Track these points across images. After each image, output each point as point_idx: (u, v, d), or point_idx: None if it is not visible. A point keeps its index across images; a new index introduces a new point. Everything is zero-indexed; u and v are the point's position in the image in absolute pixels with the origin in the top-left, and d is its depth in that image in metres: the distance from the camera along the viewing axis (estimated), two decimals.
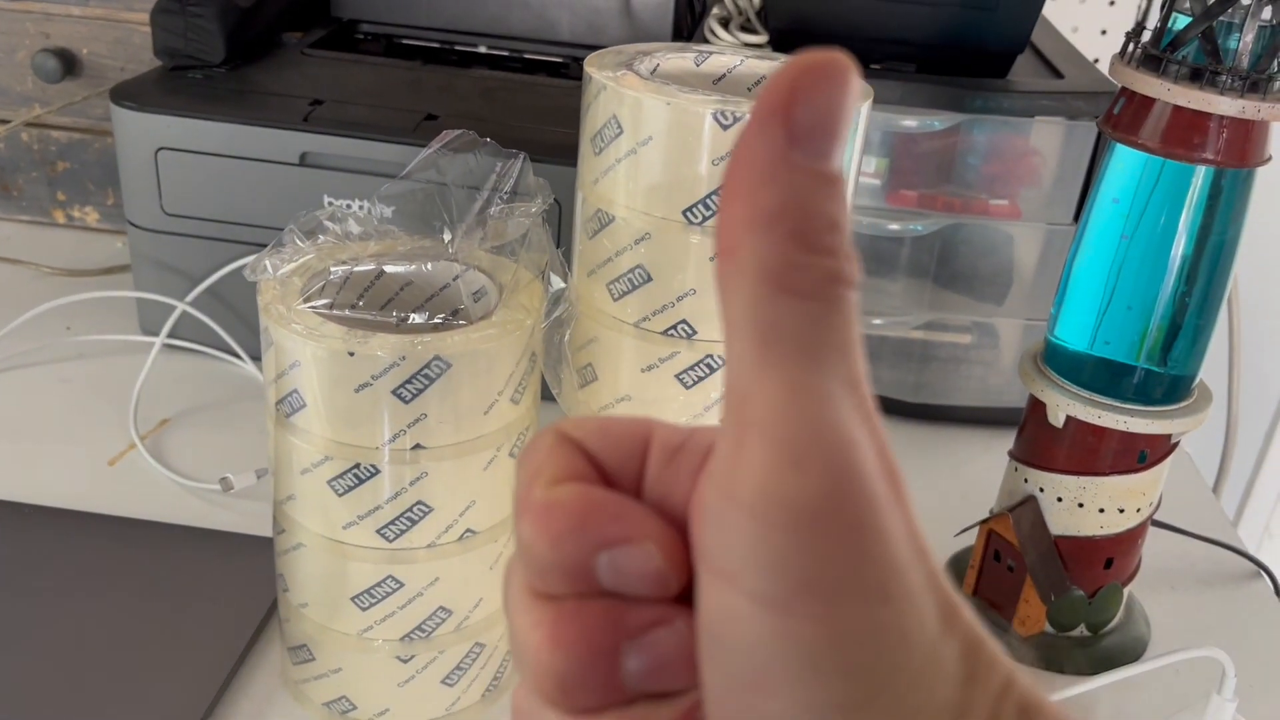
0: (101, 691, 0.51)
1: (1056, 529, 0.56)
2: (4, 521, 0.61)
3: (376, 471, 0.45)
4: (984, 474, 0.70)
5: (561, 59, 0.88)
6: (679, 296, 0.50)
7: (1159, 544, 0.64)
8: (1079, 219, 0.55)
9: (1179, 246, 0.51)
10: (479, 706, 0.52)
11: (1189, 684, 0.57)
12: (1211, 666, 0.51)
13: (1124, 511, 0.56)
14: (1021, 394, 0.58)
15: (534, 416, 0.49)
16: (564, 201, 0.65)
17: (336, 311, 0.47)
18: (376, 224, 0.50)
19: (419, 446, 0.44)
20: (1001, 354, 0.76)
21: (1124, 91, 0.51)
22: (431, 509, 0.46)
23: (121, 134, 0.73)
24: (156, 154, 0.72)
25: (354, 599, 0.47)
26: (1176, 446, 0.56)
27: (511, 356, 0.45)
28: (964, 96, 0.69)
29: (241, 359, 0.76)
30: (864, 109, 0.51)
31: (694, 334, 0.50)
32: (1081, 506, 0.56)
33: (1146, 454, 0.55)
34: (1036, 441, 0.57)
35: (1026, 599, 0.58)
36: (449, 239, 0.49)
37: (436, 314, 0.49)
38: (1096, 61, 0.81)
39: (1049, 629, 0.58)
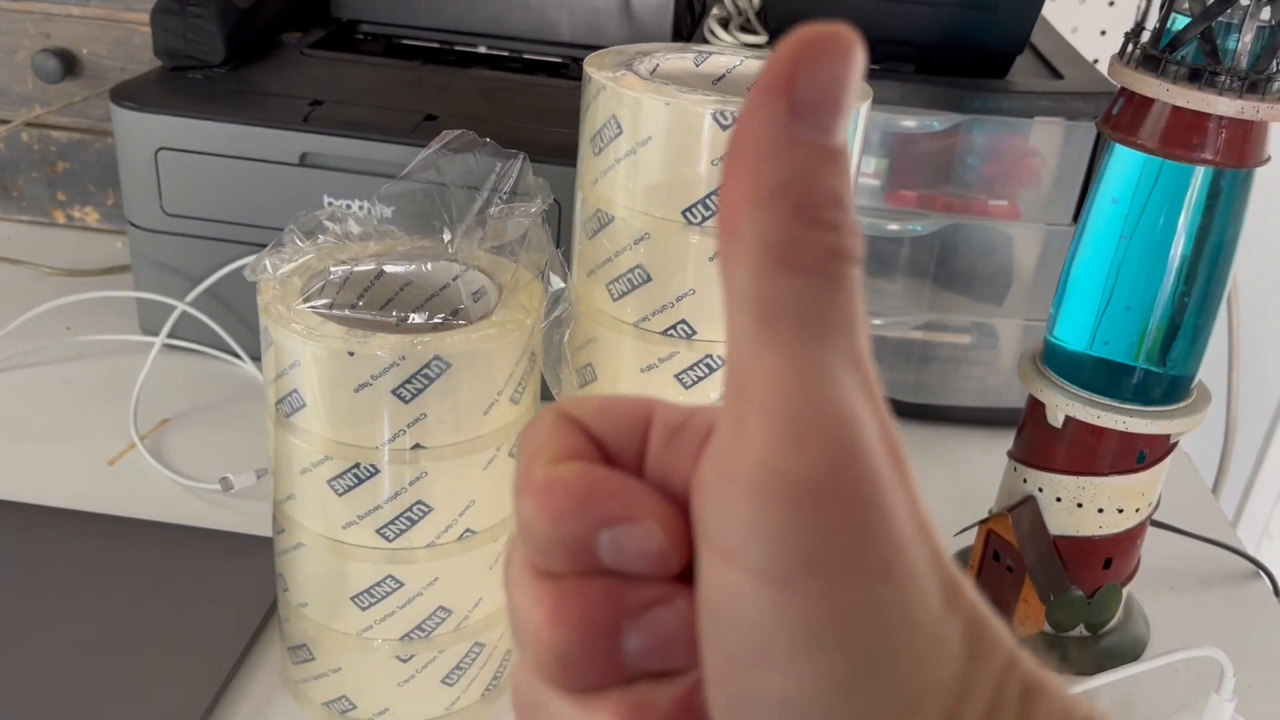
0: (101, 691, 0.51)
1: (1055, 529, 0.56)
2: (4, 521, 0.61)
3: (376, 471, 0.45)
4: (983, 474, 0.70)
5: (561, 59, 0.88)
6: (678, 296, 0.50)
7: (1158, 544, 0.64)
8: (1078, 219, 0.55)
9: (1178, 247, 0.51)
10: (479, 706, 0.52)
11: (1188, 684, 0.57)
12: (1210, 666, 0.51)
13: (1123, 512, 0.56)
14: (1021, 394, 0.58)
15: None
16: (563, 202, 0.65)
17: (336, 311, 0.47)
18: (376, 224, 0.50)
19: (419, 446, 0.44)
20: (1001, 354, 0.76)
21: (1123, 92, 0.51)
22: (431, 509, 0.46)
23: (121, 134, 0.73)
24: (156, 154, 0.72)
25: (354, 599, 0.48)
26: (1175, 446, 0.56)
27: (511, 356, 0.46)
28: (963, 97, 0.69)
29: (241, 359, 0.76)
30: (863, 109, 0.51)
31: (693, 334, 0.50)
32: (1080, 506, 0.56)
33: (1145, 454, 0.55)
34: (1036, 441, 0.57)
35: (1026, 599, 0.58)
36: (449, 239, 0.49)
37: (436, 314, 0.49)
38: (1096, 62, 0.81)
39: (1048, 629, 0.58)
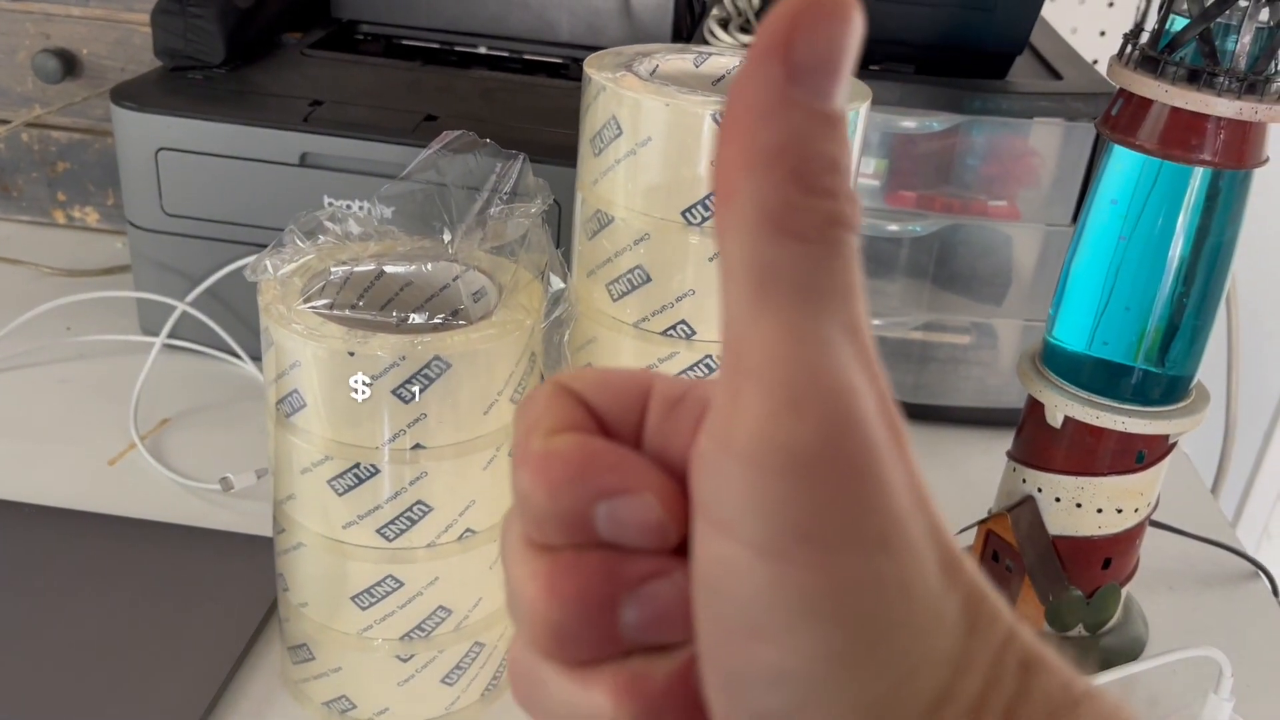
0: (101, 691, 0.51)
1: (1054, 529, 0.56)
2: (4, 521, 0.61)
3: (376, 471, 0.45)
4: (982, 474, 0.70)
5: (561, 60, 0.88)
6: (678, 297, 0.50)
7: (1157, 544, 0.64)
8: (1077, 220, 0.55)
9: (1177, 247, 0.51)
10: (478, 706, 0.52)
11: (1186, 684, 0.57)
12: (1209, 666, 0.51)
13: (1122, 512, 0.56)
14: (1020, 394, 0.59)
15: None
16: (563, 202, 0.65)
17: (337, 312, 0.47)
18: (376, 224, 0.50)
19: (419, 446, 0.44)
20: (1000, 355, 0.76)
21: (1122, 93, 0.51)
22: (431, 508, 0.46)
23: (122, 134, 0.73)
24: (157, 154, 0.72)
25: (354, 598, 0.48)
26: (1175, 447, 0.56)
27: (511, 356, 0.46)
28: (963, 97, 0.69)
29: (241, 359, 0.76)
30: (863, 110, 0.51)
31: (693, 334, 0.50)
32: (1080, 507, 0.56)
33: (1144, 454, 0.55)
34: (1035, 442, 0.57)
35: (1025, 599, 0.58)
36: (449, 239, 0.49)
37: (436, 314, 0.49)
38: (1095, 63, 0.81)
39: (1047, 629, 0.58)
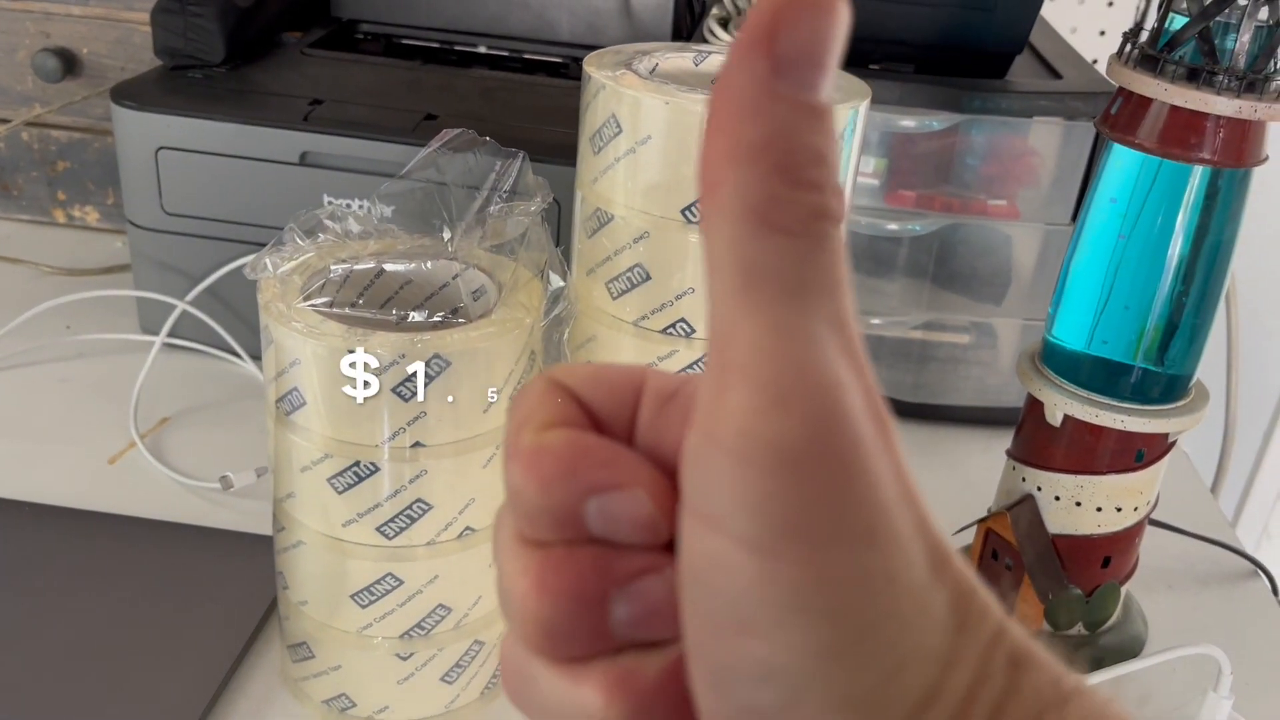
0: (101, 689, 0.51)
1: (1054, 528, 0.56)
2: (4, 520, 0.61)
3: (376, 469, 0.45)
4: (982, 473, 0.70)
5: (561, 59, 0.88)
6: (678, 295, 0.50)
7: (1157, 543, 0.64)
8: (1077, 219, 0.55)
9: (1176, 246, 0.51)
10: (478, 704, 0.52)
11: (1186, 682, 0.57)
12: (1208, 664, 0.51)
13: (1121, 510, 0.56)
14: (1019, 393, 0.59)
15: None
16: (563, 200, 0.65)
17: (336, 310, 0.47)
18: (376, 223, 0.50)
19: (418, 444, 0.44)
20: (999, 354, 0.77)
21: (1121, 91, 0.51)
22: (431, 507, 0.46)
23: (122, 133, 0.73)
24: (157, 153, 0.72)
25: (353, 596, 0.48)
26: (1174, 445, 0.56)
27: (510, 355, 0.46)
28: (962, 97, 0.69)
29: (241, 358, 0.76)
30: (862, 109, 0.51)
31: (692, 332, 0.50)
32: (1079, 505, 0.56)
33: (1144, 453, 0.55)
34: (1034, 440, 0.57)
35: (1024, 597, 0.58)
36: (448, 238, 0.49)
37: (436, 312, 0.49)
38: (1095, 62, 0.81)
39: (1046, 627, 0.58)
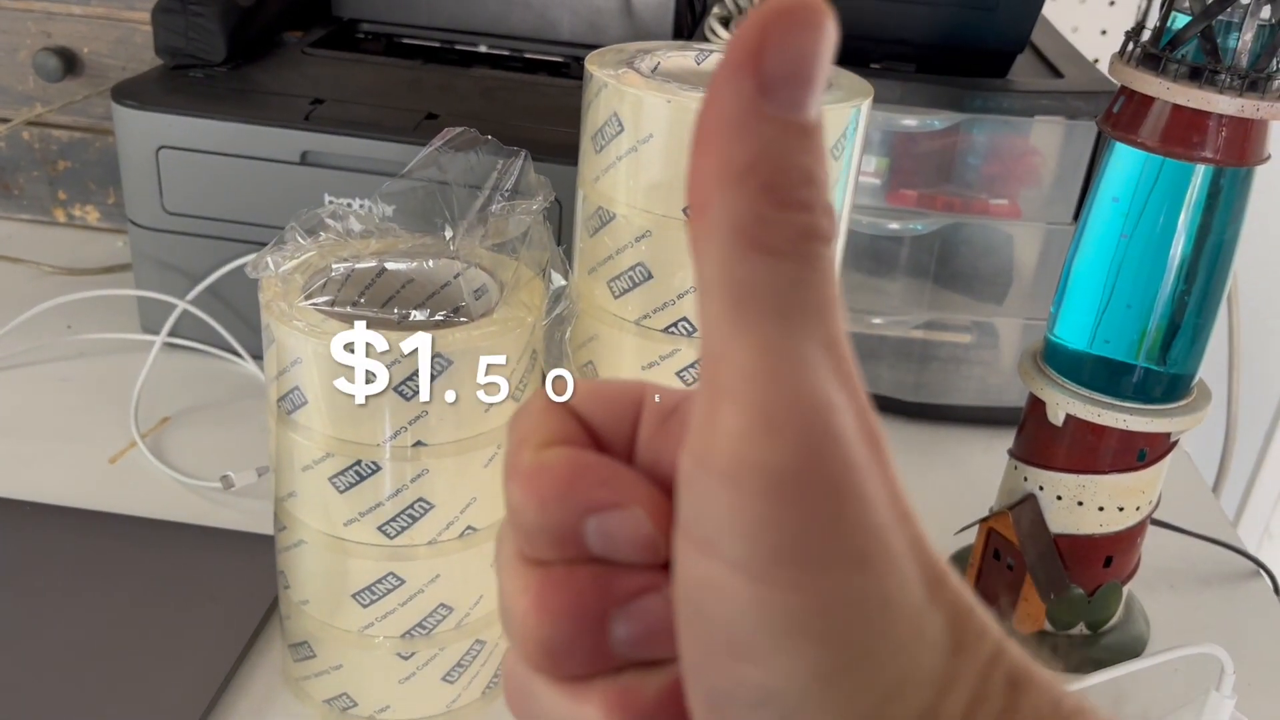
0: (102, 689, 0.51)
1: (1056, 527, 0.56)
2: (4, 520, 0.61)
3: (377, 468, 0.45)
4: (984, 473, 0.70)
5: (562, 58, 0.88)
6: (679, 294, 0.50)
7: (1158, 543, 0.64)
8: (1078, 218, 0.55)
9: (1178, 245, 0.51)
10: (479, 704, 0.52)
11: (1188, 681, 0.57)
12: (1210, 664, 0.51)
13: (1123, 510, 0.56)
14: (1021, 393, 0.59)
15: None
16: (565, 199, 0.65)
17: (338, 309, 0.47)
18: (378, 222, 0.50)
19: (420, 443, 0.44)
20: (1001, 353, 0.76)
21: (1123, 90, 0.51)
22: (432, 506, 0.46)
23: (123, 133, 0.73)
24: (157, 153, 0.72)
25: (355, 596, 0.48)
26: (1176, 445, 0.56)
27: (512, 354, 0.46)
28: (964, 96, 0.69)
29: (242, 357, 0.76)
30: (864, 108, 0.51)
31: (694, 332, 0.50)
32: (1081, 505, 0.56)
33: (1146, 452, 0.55)
34: (1036, 440, 0.57)
35: (1026, 597, 0.58)
36: (450, 237, 0.49)
37: (438, 311, 0.49)
38: (1096, 62, 0.81)
39: (1048, 627, 0.58)
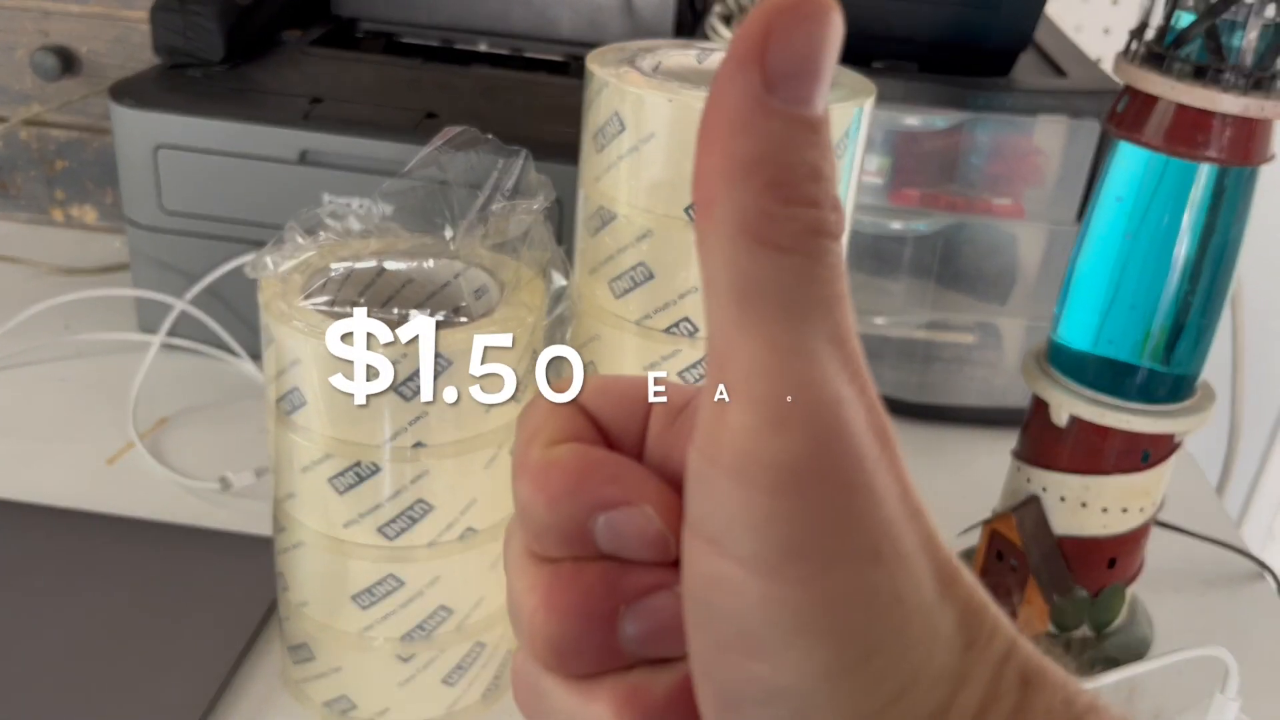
0: (99, 692, 0.51)
1: (1059, 529, 0.56)
2: (2, 521, 0.61)
3: (377, 469, 0.44)
4: (987, 474, 0.70)
5: (562, 57, 0.88)
6: (681, 294, 0.49)
7: (1162, 544, 0.64)
8: (1082, 218, 0.55)
9: (1182, 245, 0.51)
10: (479, 706, 0.52)
11: (1192, 683, 0.57)
12: (1215, 666, 0.51)
13: (1127, 511, 0.55)
14: (1025, 394, 0.58)
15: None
16: (565, 199, 0.64)
17: (337, 309, 0.47)
18: (377, 221, 0.50)
19: (420, 444, 0.44)
20: (1005, 354, 0.76)
21: (1127, 89, 0.51)
22: (432, 507, 0.46)
23: (120, 132, 0.72)
24: (156, 152, 0.72)
25: (354, 598, 0.47)
26: (1180, 446, 0.55)
27: (513, 354, 0.45)
28: (967, 95, 0.69)
29: (240, 357, 0.76)
30: (867, 107, 0.51)
31: (696, 332, 0.50)
32: (1085, 506, 0.55)
33: (1150, 454, 0.55)
34: (1040, 441, 0.56)
35: (1029, 599, 0.57)
36: (450, 236, 0.49)
37: (438, 311, 0.49)
38: (1099, 61, 0.80)
39: (1052, 629, 0.58)
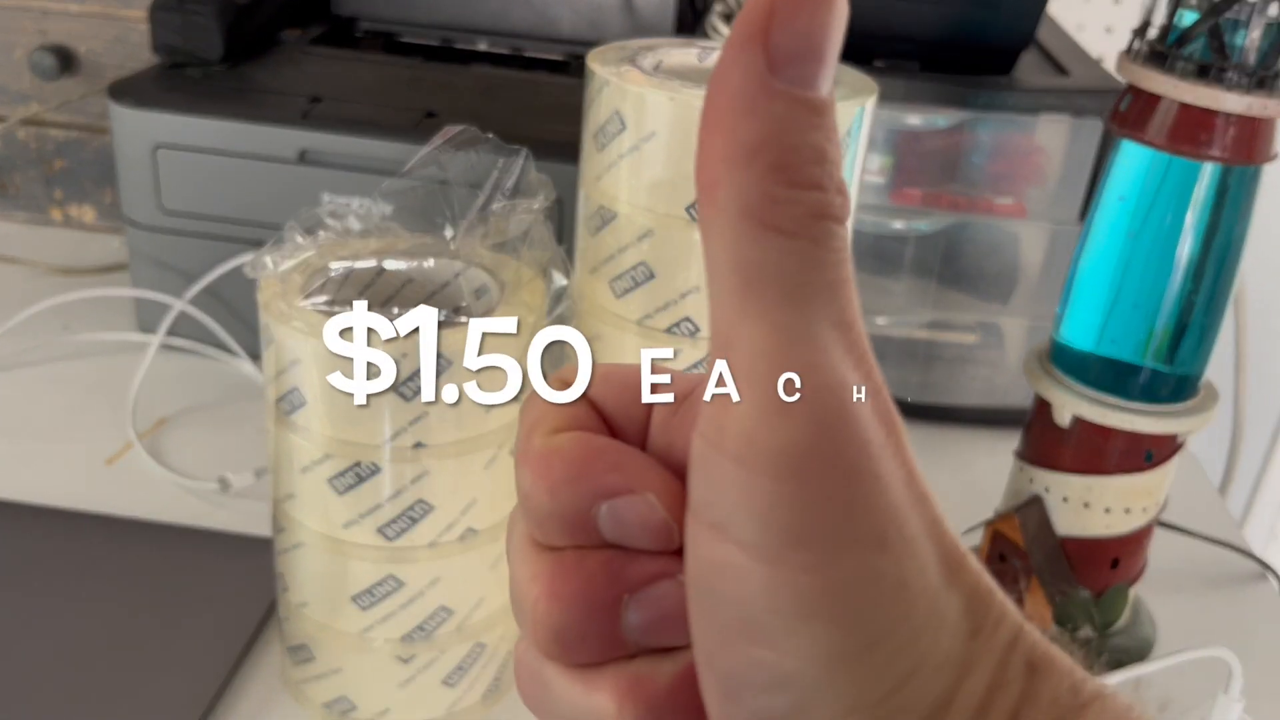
0: (98, 692, 0.51)
1: (1062, 529, 0.56)
2: (2, 521, 0.61)
3: (377, 470, 0.44)
4: (989, 474, 0.69)
5: (562, 56, 0.88)
6: (682, 294, 0.49)
7: (1165, 545, 0.64)
8: (1085, 217, 0.55)
9: (1185, 244, 0.51)
10: (479, 707, 0.52)
11: (1195, 684, 0.57)
12: (1218, 667, 0.51)
13: (1130, 512, 0.55)
14: (1027, 394, 0.58)
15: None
16: (566, 198, 0.64)
17: (337, 308, 0.47)
18: (377, 221, 0.49)
19: (420, 444, 0.44)
20: (1007, 353, 0.76)
21: (1130, 88, 0.51)
22: (432, 507, 0.45)
23: (119, 132, 0.72)
24: (155, 151, 0.72)
25: (354, 598, 0.47)
26: (1183, 446, 0.55)
27: (514, 351, 0.45)
28: (968, 94, 0.69)
29: (240, 357, 0.76)
30: (869, 106, 0.51)
31: (697, 331, 0.50)
32: (1087, 506, 0.55)
33: (1153, 454, 0.55)
34: (1042, 441, 0.56)
35: (1032, 599, 0.57)
36: (450, 236, 0.48)
37: (438, 311, 0.48)
38: (1101, 60, 0.80)
39: (1055, 629, 0.57)
